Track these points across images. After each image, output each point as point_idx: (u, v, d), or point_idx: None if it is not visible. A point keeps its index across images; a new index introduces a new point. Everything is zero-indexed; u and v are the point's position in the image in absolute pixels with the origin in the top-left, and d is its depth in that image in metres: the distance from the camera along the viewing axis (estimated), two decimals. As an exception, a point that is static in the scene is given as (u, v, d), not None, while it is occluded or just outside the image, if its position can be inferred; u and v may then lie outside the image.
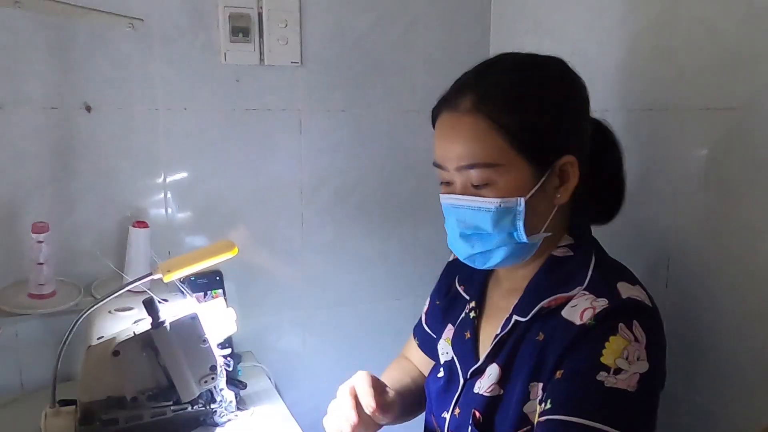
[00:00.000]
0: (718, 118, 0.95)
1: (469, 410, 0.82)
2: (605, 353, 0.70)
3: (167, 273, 0.86)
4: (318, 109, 1.35)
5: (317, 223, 1.39)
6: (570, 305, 0.76)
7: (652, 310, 0.75)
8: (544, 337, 0.77)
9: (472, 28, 1.47)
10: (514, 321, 0.80)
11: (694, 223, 0.99)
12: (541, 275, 0.81)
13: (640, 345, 0.70)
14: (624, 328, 0.71)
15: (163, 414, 0.84)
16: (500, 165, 0.74)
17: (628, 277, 0.79)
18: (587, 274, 0.78)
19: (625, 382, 0.69)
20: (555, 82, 0.79)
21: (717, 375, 0.97)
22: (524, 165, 0.75)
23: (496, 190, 0.75)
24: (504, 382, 0.80)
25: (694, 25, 0.97)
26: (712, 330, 0.97)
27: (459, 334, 0.91)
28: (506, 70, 0.79)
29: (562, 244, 0.82)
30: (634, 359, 0.70)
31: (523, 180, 0.75)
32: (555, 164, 0.77)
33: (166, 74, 1.21)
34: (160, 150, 1.23)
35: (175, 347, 0.82)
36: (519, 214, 0.75)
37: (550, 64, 0.82)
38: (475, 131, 0.75)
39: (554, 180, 0.78)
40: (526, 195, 0.75)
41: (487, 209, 0.75)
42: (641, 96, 1.08)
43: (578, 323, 0.73)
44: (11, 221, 1.14)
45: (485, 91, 0.76)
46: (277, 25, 1.27)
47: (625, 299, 0.73)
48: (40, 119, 1.13)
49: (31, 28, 1.11)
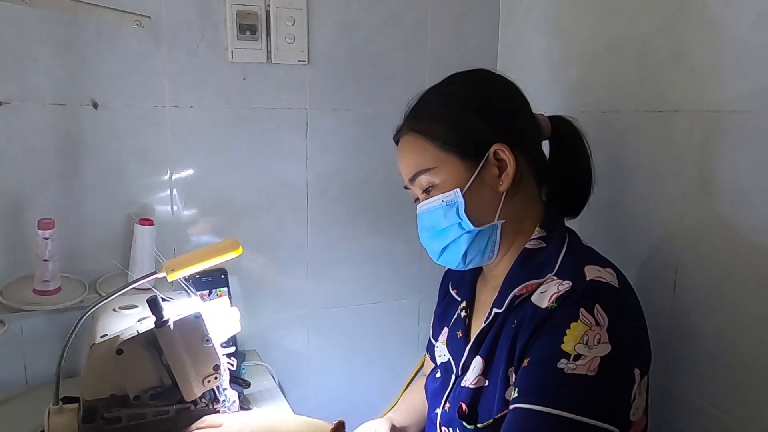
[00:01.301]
0: (730, 120, 0.93)
1: (457, 403, 0.86)
2: (566, 340, 0.73)
3: (171, 272, 0.86)
4: (325, 108, 1.34)
5: (323, 222, 1.39)
6: (539, 291, 0.80)
7: (618, 291, 0.77)
8: (516, 323, 0.81)
9: (481, 27, 1.46)
10: (494, 314, 0.85)
11: (704, 227, 0.98)
12: (515, 267, 0.86)
13: (601, 328, 0.72)
14: (585, 313, 0.73)
15: (166, 413, 0.84)
16: (434, 167, 0.86)
17: (598, 260, 0.82)
18: (558, 261, 0.82)
19: (585, 367, 0.71)
20: (468, 87, 0.90)
21: (726, 380, 0.95)
22: (456, 161, 0.85)
23: (439, 189, 0.86)
24: (487, 372, 0.84)
25: (705, 26, 0.96)
26: (720, 335, 0.96)
27: (452, 335, 0.96)
28: (426, 91, 0.92)
29: (535, 237, 0.87)
30: (594, 343, 0.72)
31: (458, 175, 0.85)
32: (487, 155, 0.85)
33: (173, 72, 1.21)
34: (166, 147, 1.23)
35: (179, 346, 0.82)
36: (460, 205, 0.84)
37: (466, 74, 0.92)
38: (410, 146, 0.89)
39: (492, 169, 0.85)
40: (463, 187, 0.84)
41: (435, 207, 0.86)
42: (651, 98, 1.06)
43: (543, 307, 0.77)
44: (17, 217, 1.15)
45: (412, 113, 0.91)
46: (285, 23, 1.27)
47: (589, 281, 0.76)
48: (47, 115, 1.14)
49: (39, 24, 1.11)
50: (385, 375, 1.51)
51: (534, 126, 0.92)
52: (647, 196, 1.08)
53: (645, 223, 1.09)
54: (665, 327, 1.04)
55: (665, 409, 1.05)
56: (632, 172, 1.10)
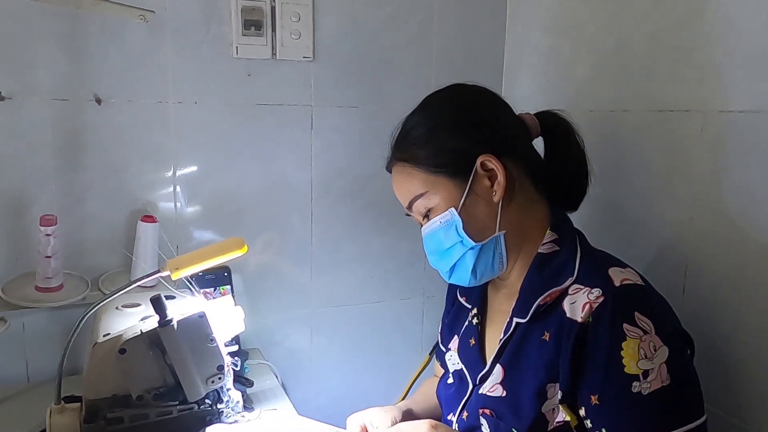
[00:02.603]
0: (741, 121, 0.92)
1: (476, 411, 0.85)
2: (626, 363, 0.72)
3: (176, 270, 0.85)
4: (330, 105, 1.33)
5: (327, 220, 1.38)
6: (569, 301, 0.79)
7: (644, 289, 0.78)
8: (550, 336, 0.79)
9: (488, 24, 1.44)
10: (515, 323, 0.84)
11: (713, 228, 0.97)
12: (532, 274, 0.85)
13: (650, 334, 0.72)
14: (629, 327, 0.73)
15: (169, 413, 0.83)
16: (426, 192, 0.86)
17: (616, 261, 0.82)
18: (575, 265, 0.82)
19: (658, 380, 0.71)
20: (443, 106, 0.89)
21: (735, 384, 0.94)
22: (446, 182, 0.85)
23: (436, 212, 0.86)
24: (507, 382, 0.83)
25: (717, 24, 0.95)
26: (729, 337, 0.95)
27: (464, 342, 0.95)
28: (406, 118, 0.92)
29: (547, 241, 0.86)
30: (652, 352, 0.72)
31: (450, 194, 0.85)
32: (474, 168, 0.84)
33: (177, 67, 1.20)
34: (170, 143, 1.22)
35: (183, 346, 0.81)
36: (458, 223, 0.84)
37: (440, 93, 0.92)
38: (400, 175, 0.90)
39: (483, 182, 0.85)
40: (457, 205, 0.84)
41: (435, 230, 0.86)
42: (661, 97, 1.05)
43: (579, 321, 0.76)
44: (19, 213, 1.14)
45: (396, 142, 0.91)
46: (290, 19, 1.25)
47: (619, 286, 0.76)
48: (50, 110, 1.12)
49: (42, 18, 1.10)
50: (388, 374, 1.50)
51: (519, 128, 0.91)
52: (656, 196, 1.07)
53: (654, 223, 1.07)
54: (673, 329, 1.03)
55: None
56: (641, 172, 1.09)
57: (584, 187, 0.94)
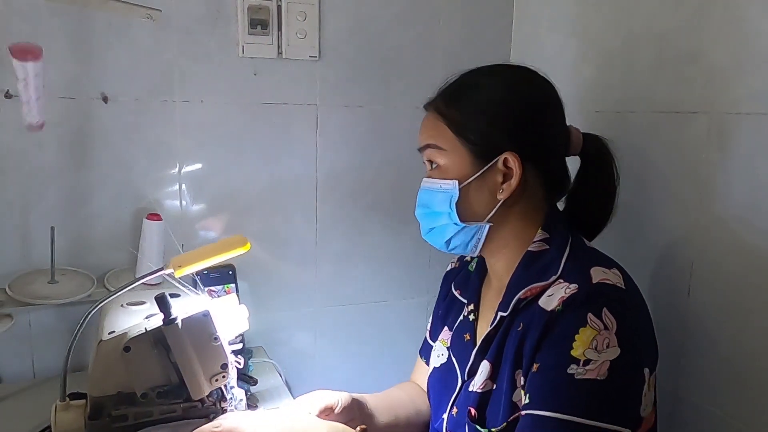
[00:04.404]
0: (749, 123, 0.91)
1: (465, 408, 0.85)
2: (575, 345, 0.73)
3: (179, 268, 0.85)
4: (335, 104, 1.33)
5: (331, 220, 1.38)
6: (546, 294, 0.79)
7: (624, 292, 0.77)
8: (523, 327, 0.80)
9: (494, 24, 1.44)
10: (499, 317, 0.84)
11: (719, 230, 0.96)
12: (519, 270, 0.85)
13: (610, 332, 0.72)
14: (593, 317, 0.73)
15: (173, 411, 0.83)
16: (444, 149, 0.86)
17: (603, 261, 0.81)
18: (561, 263, 0.82)
19: (595, 372, 0.71)
20: (505, 88, 0.87)
21: (739, 386, 0.94)
22: (465, 153, 0.85)
23: (441, 171, 0.87)
24: (494, 376, 0.84)
25: (726, 25, 0.94)
26: (734, 339, 0.94)
27: (458, 336, 0.95)
28: (466, 73, 0.90)
29: (538, 239, 0.86)
30: (603, 347, 0.72)
31: (463, 167, 0.85)
32: (497, 160, 0.84)
33: (184, 66, 1.20)
34: (176, 142, 1.22)
35: (187, 345, 0.81)
36: (454, 197, 0.85)
37: (507, 70, 0.91)
38: (431, 122, 0.89)
39: (497, 175, 0.85)
40: (463, 180, 0.84)
41: (433, 190, 0.87)
42: (668, 98, 1.05)
43: (548, 310, 0.77)
44: (25, 210, 1.14)
45: (446, 93, 0.90)
46: (296, 18, 1.25)
47: (596, 284, 0.76)
48: (57, 109, 1.13)
49: (49, 17, 1.10)
50: (391, 374, 1.49)
51: (561, 140, 0.89)
52: (662, 198, 1.06)
53: (660, 225, 1.07)
54: (678, 330, 1.02)
55: (676, 414, 1.04)
56: (647, 173, 1.09)
57: (604, 221, 0.92)
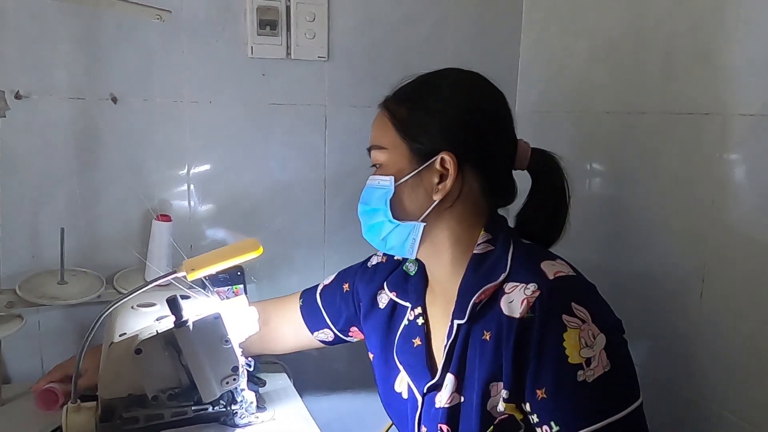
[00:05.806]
0: (762, 124, 0.91)
1: (435, 426, 0.84)
2: (568, 353, 0.73)
3: (192, 271, 0.85)
4: (344, 105, 1.33)
5: (339, 220, 1.37)
6: (506, 300, 0.78)
7: (576, 279, 0.78)
8: (491, 336, 0.79)
9: (503, 25, 1.43)
10: (456, 325, 0.83)
11: (732, 233, 0.96)
12: (469, 274, 0.84)
13: (588, 323, 0.73)
14: (568, 318, 0.74)
15: (184, 414, 0.83)
16: (386, 148, 0.86)
17: (547, 254, 0.82)
18: (508, 260, 0.82)
19: (600, 366, 0.72)
20: (453, 90, 0.86)
21: (753, 390, 0.93)
22: (405, 151, 0.84)
23: (382, 170, 0.87)
24: (460, 388, 0.82)
25: (740, 26, 0.93)
26: (747, 343, 0.94)
27: (406, 342, 0.93)
28: (420, 75, 0.89)
29: (481, 241, 0.85)
30: (591, 340, 0.73)
31: (401, 164, 0.85)
32: (434, 160, 0.83)
33: (193, 66, 1.20)
34: (184, 142, 1.22)
35: (198, 347, 0.81)
36: (389, 193, 0.84)
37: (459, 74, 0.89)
38: (380, 119, 0.89)
39: (433, 175, 0.83)
40: (399, 177, 0.84)
41: (372, 186, 0.87)
42: (680, 99, 1.04)
43: (517, 317, 0.76)
44: (35, 211, 1.14)
45: (397, 90, 0.90)
46: (305, 19, 1.25)
47: (553, 280, 0.76)
48: (67, 109, 1.13)
49: (58, 17, 1.10)
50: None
51: (506, 149, 0.87)
52: (674, 200, 1.06)
53: (672, 227, 1.06)
54: (691, 334, 1.02)
55: (688, 418, 1.03)
56: (659, 175, 1.08)
57: (555, 237, 0.90)
